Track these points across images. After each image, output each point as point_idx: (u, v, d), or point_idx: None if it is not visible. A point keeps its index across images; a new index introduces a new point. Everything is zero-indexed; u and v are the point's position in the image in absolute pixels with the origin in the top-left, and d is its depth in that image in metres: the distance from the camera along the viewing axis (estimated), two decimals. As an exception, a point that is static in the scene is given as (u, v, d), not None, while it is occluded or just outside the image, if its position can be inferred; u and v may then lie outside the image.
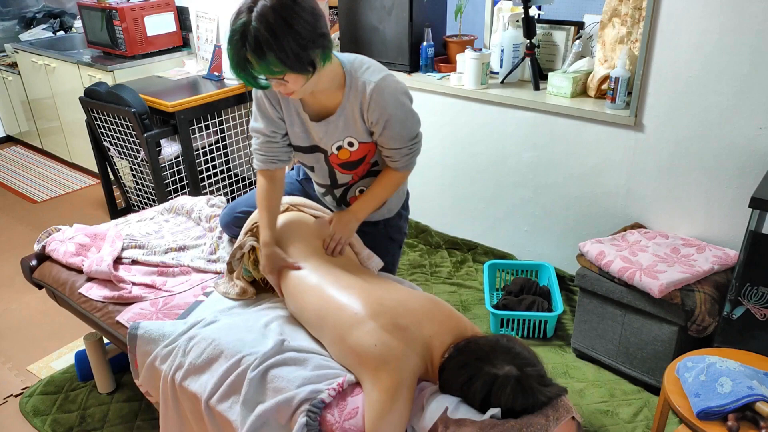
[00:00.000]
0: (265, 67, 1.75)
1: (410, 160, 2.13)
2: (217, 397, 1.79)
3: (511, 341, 1.63)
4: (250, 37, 1.70)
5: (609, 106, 2.82)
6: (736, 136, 2.51)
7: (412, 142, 2.09)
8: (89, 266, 2.37)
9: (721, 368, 1.82)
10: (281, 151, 2.14)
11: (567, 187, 3.10)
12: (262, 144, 2.13)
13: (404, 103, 2.02)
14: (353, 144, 2.07)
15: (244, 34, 1.71)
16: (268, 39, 1.69)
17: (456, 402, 1.58)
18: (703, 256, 2.51)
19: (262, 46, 1.70)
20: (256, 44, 1.70)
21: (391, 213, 2.35)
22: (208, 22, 4.13)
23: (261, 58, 1.72)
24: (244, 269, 2.20)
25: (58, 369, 2.86)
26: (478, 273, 3.46)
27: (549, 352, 2.84)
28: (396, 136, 2.04)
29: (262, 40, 1.69)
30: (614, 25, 2.84)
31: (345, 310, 1.77)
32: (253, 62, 1.74)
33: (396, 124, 2.01)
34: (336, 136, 2.05)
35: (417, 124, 2.10)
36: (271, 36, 1.69)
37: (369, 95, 1.94)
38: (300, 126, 2.08)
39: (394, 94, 1.97)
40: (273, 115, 2.08)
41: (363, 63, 1.99)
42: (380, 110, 1.96)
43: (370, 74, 1.96)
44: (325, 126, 2.03)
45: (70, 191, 4.84)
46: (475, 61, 3.14)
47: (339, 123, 2.02)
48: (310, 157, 2.16)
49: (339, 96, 1.98)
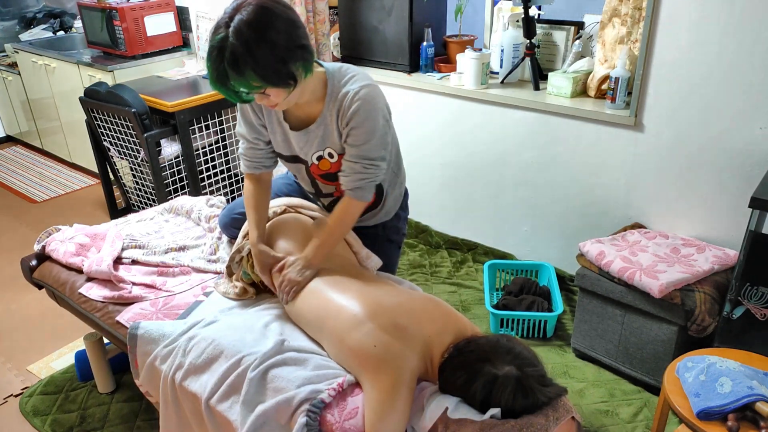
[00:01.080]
0: (245, 83, 1.73)
1: (361, 182, 1.98)
2: (217, 397, 1.79)
3: (511, 341, 1.63)
4: (228, 53, 1.68)
5: (609, 106, 2.81)
6: (736, 136, 2.51)
7: (368, 162, 1.96)
8: (89, 266, 2.36)
9: (721, 368, 1.82)
10: (265, 158, 2.14)
11: (567, 187, 3.10)
12: (246, 149, 2.14)
13: (376, 118, 1.92)
14: (333, 155, 2.02)
15: (222, 50, 1.68)
16: (244, 54, 1.67)
17: (456, 402, 1.57)
18: (703, 256, 2.50)
19: (239, 61, 1.68)
20: (233, 60, 1.68)
21: (388, 216, 2.34)
22: (208, 22, 4.12)
23: (239, 74, 1.70)
24: (243, 272, 2.19)
25: (58, 369, 2.86)
26: (478, 273, 3.46)
27: (549, 352, 2.84)
28: (354, 147, 1.94)
29: (239, 56, 1.67)
30: (614, 25, 2.83)
31: (344, 312, 1.77)
32: (232, 78, 1.72)
33: (360, 134, 1.91)
34: (315, 146, 2.02)
35: (381, 147, 1.97)
36: (247, 51, 1.67)
37: (346, 102, 1.90)
38: (281, 135, 2.07)
39: (370, 105, 1.90)
40: (255, 122, 2.08)
41: (348, 72, 1.95)
42: (350, 116, 1.89)
43: (353, 83, 1.92)
44: (305, 135, 2.01)
45: (70, 191, 4.84)
46: (475, 61, 3.14)
47: (318, 132, 1.99)
48: (293, 166, 2.16)
49: (320, 106, 1.95)
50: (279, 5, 1.73)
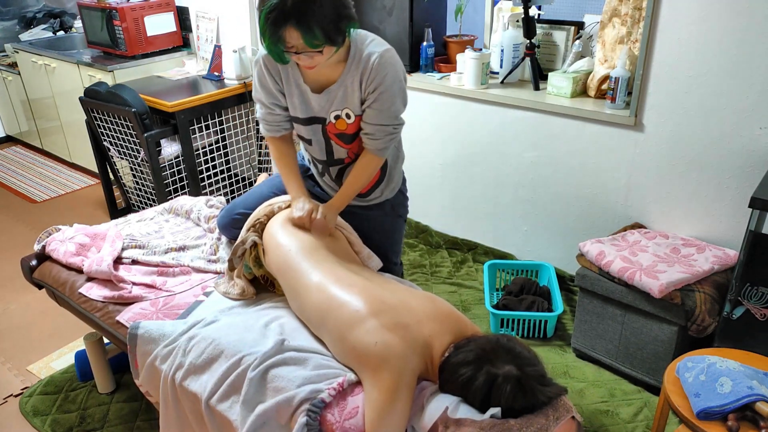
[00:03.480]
0: (309, 41, 1.79)
1: (389, 143, 2.14)
2: (217, 396, 1.79)
3: (511, 341, 1.64)
4: (294, 11, 1.74)
5: (609, 106, 2.81)
6: (736, 136, 2.51)
7: (397, 122, 2.11)
8: (89, 266, 2.36)
9: (721, 368, 1.82)
10: (283, 121, 2.22)
11: (567, 187, 3.10)
12: (265, 114, 2.21)
13: (401, 79, 2.05)
14: (350, 116, 2.10)
15: (284, 9, 1.74)
16: (314, 11, 1.74)
17: (456, 401, 1.58)
18: (703, 256, 2.50)
19: (308, 19, 1.74)
20: (300, 17, 1.74)
21: (394, 192, 2.39)
22: (208, 22, 4.12)
23: (306, 32, 1.76)
24: (246, 266, 2.20)
25: (58, 369, 2.85)
26: (478, 273, 3.46)
27: (549, 352, 2.84)
28: (384, 111, 2.05)
29: (309, 14, 1.73)
30: (614, 25, 2.83)
31: (346, 308, 1.77)
32: (293, 36, 1.78)
33: (389, 97, 2.03)
34: (335, 105, 2.09)
35: (405, 105, 2.12)
36: (317, 7, 1.74)
37: (372, 64, 1.98)
38: (299, 97, 2.11)
39: (395, 68, 2.01)
40: (273, 88, 2.13)
41: (367, 36, 2.05)
42: (379, 79, 1.99)
43: (374, 46, 2.01)
44: (325, 96, 2.07)
45: (70, 191, 4.83)
46: (475, 61, 3.14)
47: (339, 93, 2.05)
48: (308, 129, 2.19)
49: (341, 67, 2.02)
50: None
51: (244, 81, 3.93)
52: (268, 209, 2.23)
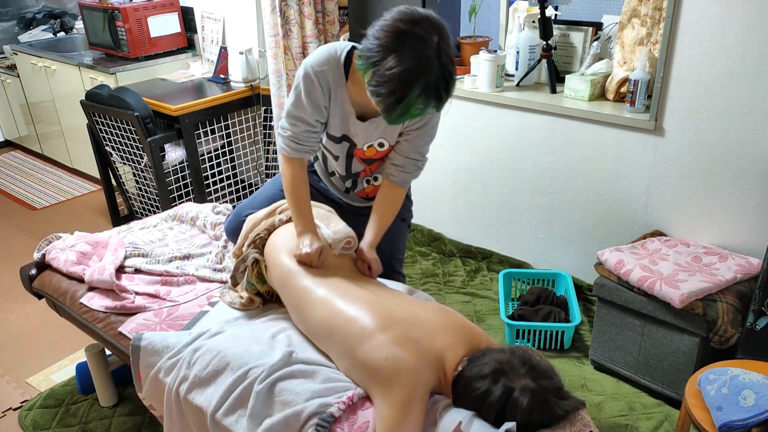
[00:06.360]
0: (443, 104, 1.82)
1: (415, 175, 2.23)
2: (223, 410, 1.77)
3: (526, 353, 1.63)
4: (447, 93, 1.77)
5: (628, 109, 2.80)
6: (759, 141, 2.49)
7: (425, 157, 2.22)
8: (91, 275, 2.36)
9: (745, 381, 1.82)
10: (316, 141, 2.16)
11: (585, 194, 3.08)
12: (302, 133, 2.10)
13: (439, 119, 2.15)
14: (383, 145, 2.15)
15: (439, 91, 1.75)
16: (453, 76, 1.78)
17: (470, 416, 1.56)
18: (726, 265, 2.49)
19: (451, 84, 1.78)
20: (449, 84, 1.76)
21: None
22: (214, 22, 4.16)
23: (448, 95, 1.79)
24: (248, 283, 2.19)
25: (58, 381, 2.86)
26: (492, 282, 3.46)
27: (566, 363, 2.82)
28: (420, 145, 2.15)
29: (451, 81, 1.77)
30: (634, 25, 2.82)
31: (354, 323, 1.76)
32: (440, 101, 1.79)
33: (424, 135, 2.13)
34: (373, 135, 2.12)
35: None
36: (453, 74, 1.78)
37: None
38: (341, 117, 2.10)
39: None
40: (321, 103, 2.07)
41: None
42: (427, 118, 2.08)
43: None
44: (369, 125, 2.09)
45: (71, 198, 4.85)
46: (489, 63, 3.13)
47: (382, 125, 2.09)
48: (338, 146, 2.19)
49: None
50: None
51: (250, 84, 3.95)
52: (269, 223, 2.23)
